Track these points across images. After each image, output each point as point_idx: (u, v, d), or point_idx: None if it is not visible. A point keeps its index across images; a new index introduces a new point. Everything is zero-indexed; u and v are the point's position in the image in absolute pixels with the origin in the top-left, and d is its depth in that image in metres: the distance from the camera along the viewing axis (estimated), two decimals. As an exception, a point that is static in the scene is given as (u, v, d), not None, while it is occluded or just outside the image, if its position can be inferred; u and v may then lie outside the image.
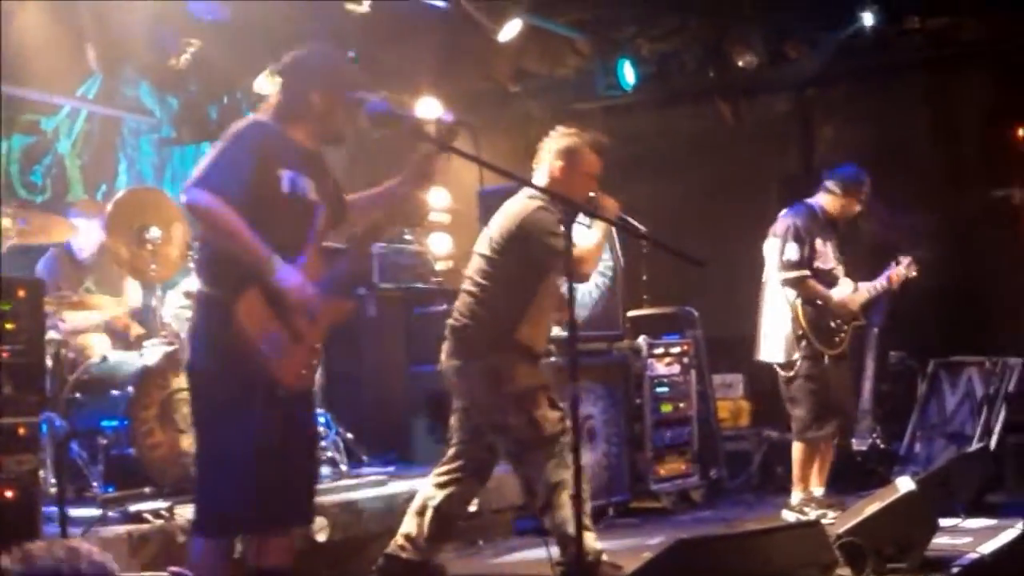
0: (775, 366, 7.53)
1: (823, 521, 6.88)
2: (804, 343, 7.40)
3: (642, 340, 8.38)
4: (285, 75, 4.50)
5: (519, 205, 5.62)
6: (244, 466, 4.18)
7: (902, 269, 7.73)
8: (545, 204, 5.52)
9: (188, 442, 6.27)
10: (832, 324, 7.47)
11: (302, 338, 4.31)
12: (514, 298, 5.54)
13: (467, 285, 5.74)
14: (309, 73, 4.45)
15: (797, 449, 7.54)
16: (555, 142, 5.78)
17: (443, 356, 5.71)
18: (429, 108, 10.02)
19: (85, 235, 7.22)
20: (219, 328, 4.25)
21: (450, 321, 5.73)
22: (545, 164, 5.74)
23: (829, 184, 7.59)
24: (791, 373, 7.44)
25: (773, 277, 7.52)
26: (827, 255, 7.54)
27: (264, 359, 4.20)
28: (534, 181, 5.66)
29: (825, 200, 7.60)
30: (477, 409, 5.63)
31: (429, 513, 5.66)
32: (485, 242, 5.71)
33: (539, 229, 5.44)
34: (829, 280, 7.53)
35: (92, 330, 7.05)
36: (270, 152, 4.34)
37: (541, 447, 5.38)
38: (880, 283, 7.69)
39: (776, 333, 7.50)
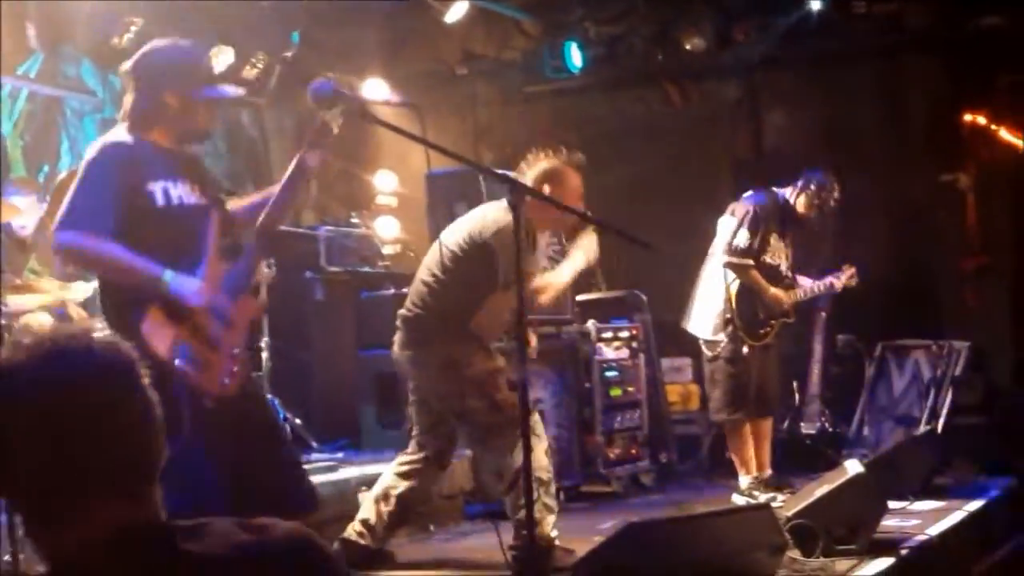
0: (700, 341, 7.54)
1: (773, 504, 6.92)
2: (730, 328, 7.40)
3: (591, 324, 8.34)
4: (135, 77, 4.25)
5: (499, 215, 5.54)
6: (200, 484, 3.89)
7: (843, 278, 7.73)
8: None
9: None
10: (760, 316, 7.47)
11: (218, 345, 4.13)
12: (470, 297, 5.53)
13: (423, 275, 5.68)
14: (159, 73, 4.21)
15: (727, 433, 7.60)
16: (536, 168, 5.73)
17: (396, 346, 5.68)
18: (376, 89, 9.97)
19: (26, 213, 7.09)
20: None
21: (402, 311, 5.69)
22: (528, 181, 5.64)
23: (802, 182, 7.52)
24: (715, 352, 7.46)
25: (718, 254, 7.51)
26: (778, 250, 7.53)
27: (181, 374, 3.99)
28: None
29: (792, 195, 7.55)
30: (436, 397, 5.60)
31: (392, 502, 5.63)
32: (453, 237, 5.66)
33: (506, 249, 5.32)
34: (773, 274, 7.51)
35: (35, 310, 6.92)
36: (133, 170, 4.12)
37: (505, 430, 5.35)
38: (818, 286, 7.71)
39: (707, 309, 7.51)
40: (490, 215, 5.61)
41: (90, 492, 1.71)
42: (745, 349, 7.38)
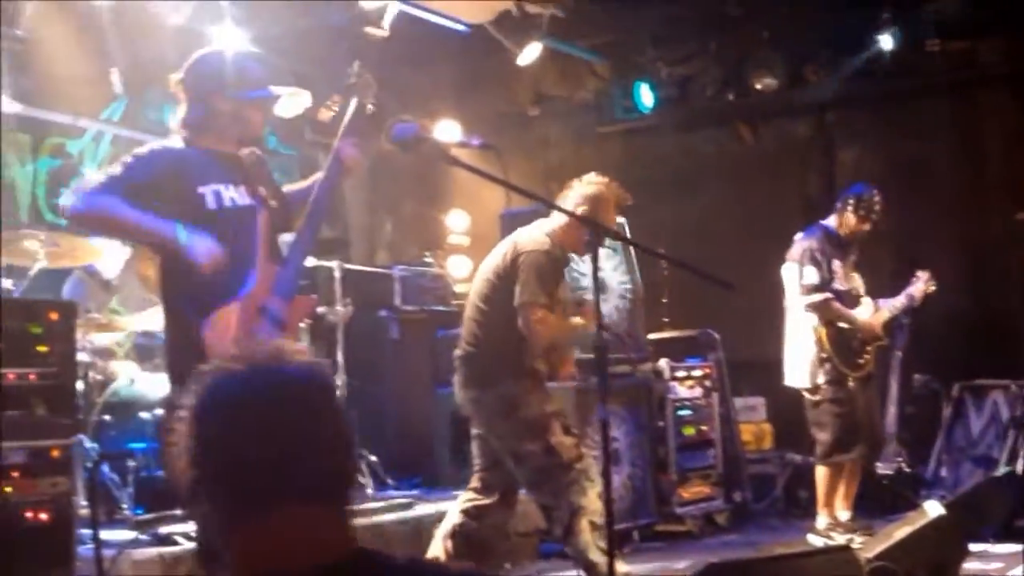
0: (802, 391, 7.51)
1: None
2: (828, 366, 7.39)
3: (664, 363, 8.36)
4: (187, 83, 4.34)
5: (527, 238, 5.61)
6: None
7: (921, 285, 7.72)
8: (552, 248, 5.54)
9: (216, 464, 6.27)
10: (855, 345, 7.46)
11: None
12: (513, 324, 5.47)
13: (470, 311, 5.72)
14: (208, 80, 4.30)
15: (821, 473, 7.52)
16: (584, 186, 5.75)
17: (456, 387, 5.70)
18: (449, 131, 10.08)
19: (111, 255, 7.24)
20: (187, 359, 3.94)
21: (457, 351, 5.71)
22: (568, 203, 5.67)
23: (839, 204, 7.62)
24: (817, 397, 7.43)
25: (794, 302, 7.51)
26: (846, 275, 7.54)
27: None
28: (554, 225, 5.68)
29: (837, 221, 7.61)
30: (495, 437, 5.61)
31: (459, 539, 5.64)
32: (491, 262, 5.70)
33: (531, 270, 5.43)
34: (849, 301, 7.53)
35: (118, 351, 7.08)
36: (183, 173, 4.18)
37: (559, 474, 5.36)
38: (901, 300, 7.70)
39: (800, 358, 7.49)
40: (518, 239, 5.64)
41: (288, 491, 1.81)
42: (850, 383, 7.35)
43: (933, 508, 5.65)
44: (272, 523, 1.80)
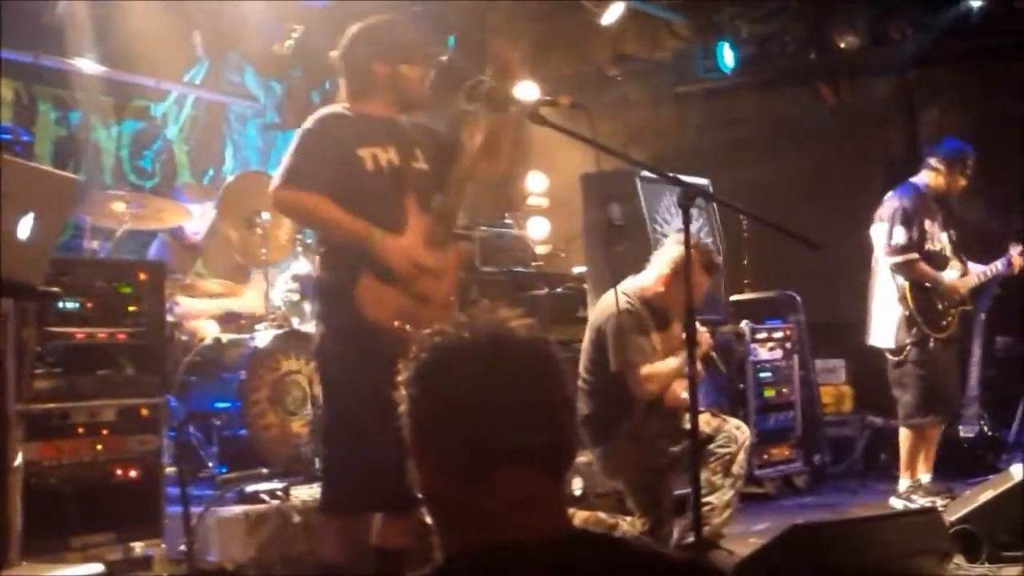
0: (885, 351, 7.44)
1: (931, 509, 6.84)
2: (913, 328, 7.31)
3: (744, 325, 8.33)
4: (345, 54, 4.52)
5: (608, 299, 5.83)
6: (376, 442, 4.11)
7: (1017, 257, 7.59)
8: (632, 304, 5.77)
9: (299, 424, 6.38)
10: (940, 307, 7.37)
11: (429, 298, 4.34)
12: (613, 390, 5.79)
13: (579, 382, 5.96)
14: (366, 45, 4.47)
15: (904, 435, 7.45)
16: (671, 250, 5.93)
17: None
18: (528, 91, 10.06)
19: (199, 218, 7.34)
20: (341, 313, 4.31)
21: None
22: (655, 268, 5.93)
23: (932, 161, 7.48)
24: (900, 358, 7.35)
25: (882, 261, 7.42)
26: (935, 235, 7.44)
27: (401, 333, 4.19)
28: (642, 282, 5.92)
29: (930, 178, 7.48)
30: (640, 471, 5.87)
31: None
32: (587, 336, 5.99)
33: (613, 336, 5.72)
34: (938, 261, 7.43)
35: (204, 315, 7.18)
36: (344, 136, 4.39)
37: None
38: (993, 268, 7.58)
39: (885, 318, 7.41)
40: (600, 303, 5.93)
41: (515, 455, 1.82)
42: (931, 344, 7.28)
43: (1018, 472, 5.60)
44: (497, 487, 1.81)
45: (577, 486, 6.69)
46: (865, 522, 4.75)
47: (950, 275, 7.42)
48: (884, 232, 7.36)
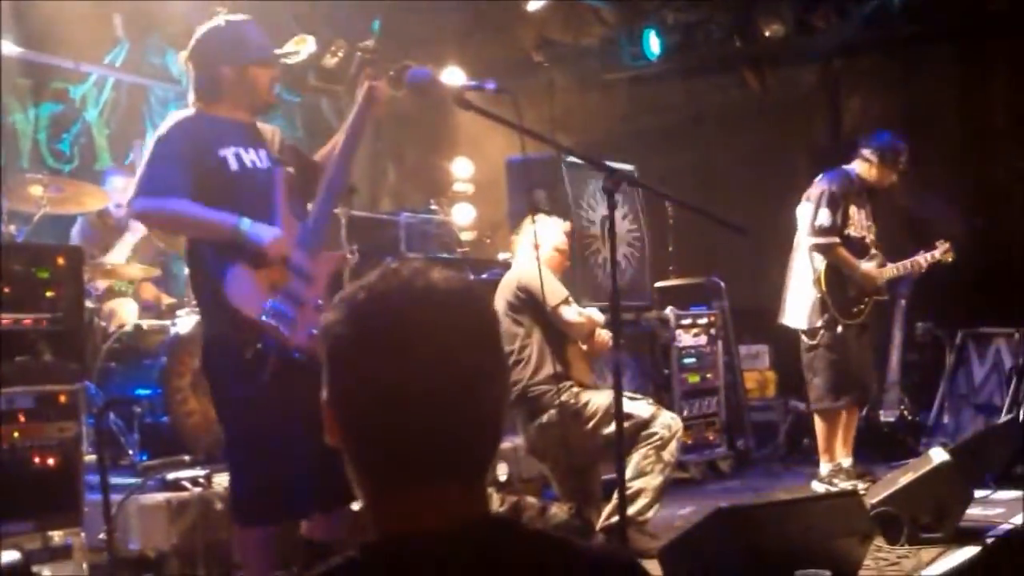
0: (799, 332, 7.51)
1: (853, 492, 6.92)
2: (825, 311, 7.37)
3: (669, 311, 8.37)
4: (193, 57, 4.42)
5: (516, 270, 6.12)
6: (276, 447, 4.07)
7: (937, 254, 7.66)
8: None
9: (220, 410, 6.29)
10: (852, 294, 7.44)
11: (302, 300, 4.22)
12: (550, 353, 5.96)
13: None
14: (213, 49, 4.37)
15: (817, 420, 7.55)
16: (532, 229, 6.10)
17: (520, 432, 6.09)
18: (453, 76, 10.02)
19: (122, 191, 7.23)
20: (217, 314, 4.19)
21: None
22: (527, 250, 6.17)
23: (866, 152, 7.52)
24: (813, 341, 7.42)
25: (803, 242, 7.48)
26: (859, 223, 7.50)
27: (268, 329, 4.10)
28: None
29: (862, 168, 7.54)
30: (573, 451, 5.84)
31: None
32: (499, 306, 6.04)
33: (543, 280, 5.71)
34: (859, 248, 7.49)
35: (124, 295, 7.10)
36: (202, 139, 4.27)
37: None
38: (910, 263, 7.65)
39: (801, 299, 7.47)
40: (508, 274, 6.14)
41: (444, 469, 1.62)
42: (840, 329, 7.34)
43: (937, 455, 5.67)
44: (422, 495, 1.61)
45: (502, 472, 6.69)
46: (788, 504, 4.80)
47: (868, 264, 7.49)
48: (809, 213, 7.42)
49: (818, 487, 7.41)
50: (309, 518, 4.34)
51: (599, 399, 5.85)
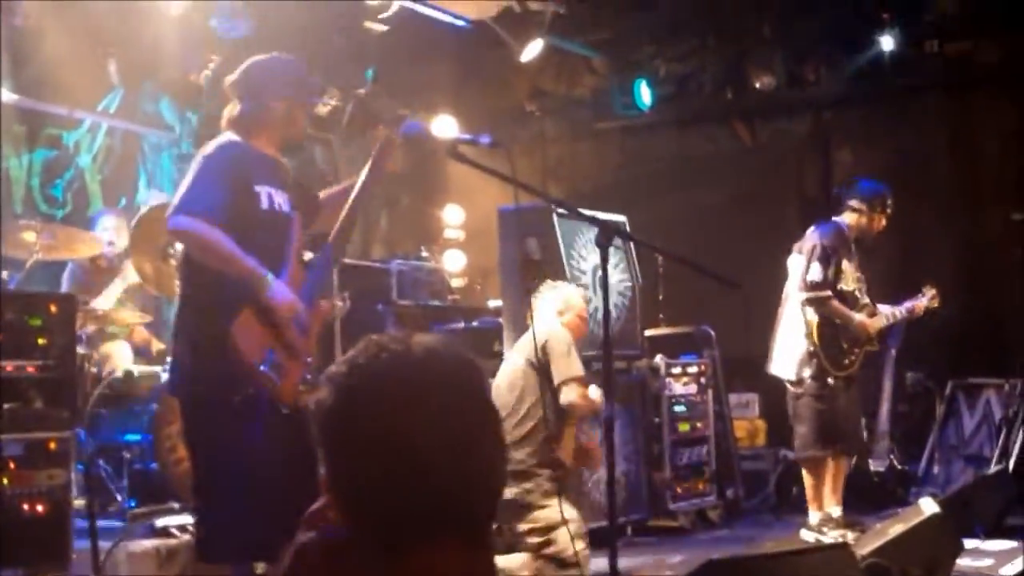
0: (785, 382, 7.52)
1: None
2: (814, 361, 7.38)
3: (660, 359, 8.37)
4: (243, 86, 4.46)
5: (540, 330, 5.94)
6: (254, 490, 4.09)
7: (925, 301, 7.70)
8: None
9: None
10: (844, 346, 7.45)
11: (297, 353, 4.27)
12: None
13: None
14: (268, 82, 4.42)
15: (803, 469, 7.55)
16: (555, 295, 6.20)
17: None
18: (446, 126, 10.09)
19: (113, 229, 7.25)
20: (214, 354, 4.17)
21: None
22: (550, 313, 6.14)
23: (853, 203, 7.54)
24: (799, 390, 7.43)
25: (794, 293, 7.50)
26: (850, 276, 7.53)
27: (263, 379, 4.14)
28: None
29: (851, 218, 7.55)
30: None
31: None
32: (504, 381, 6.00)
33: (564, 347, 5.83)
34: (850, 301, 7.51)
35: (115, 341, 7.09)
36: (245, 170, 4.33)
37: None
38: (901, 311, 7.66)
39: (790, 349, 7.48)
40: (527, 335, 5.97)
41: (439, 528, 1.61)
42: (831, 380, 7.35)
43: (928, 506, 5.65)
44: (423, 559, 1.59)
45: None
46: (779, 557, 4.77)
47: (859, 315, 7.51)
48: (801, 266, 7.44)
49: (807, 536, 7.39)
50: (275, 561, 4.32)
51: (551, 513, 5.68)
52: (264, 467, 4.09)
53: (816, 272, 7.35)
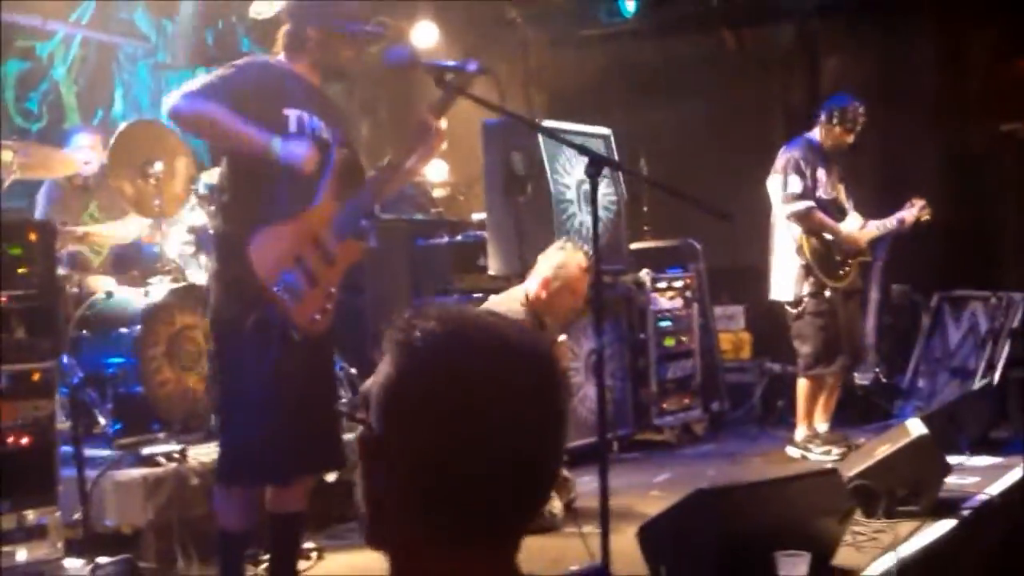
0: (785, 305, 7.50)
1: (827, 457, 6.95)
2: (810, 278, 7.37)
3: (645, 274, 8.32)
4: (287, 9, 4.47)
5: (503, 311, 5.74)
6: (267, 413, 4.13)
7: (915, 211, 7.67)
8: (527, 318, 5.67)
9: (195, 379, 6.24)
10: (837, 257, 7.44)
11: (317, 281, 4.21)
12: None
13: None
14: (304, 8, 4.38)
15: (802, 385, 7.53)
16: (554, 257, 5.95)
17: None
18: (427, 33, 9.94)
19: (91, 150, 7.12)
20: (233, 269, 4.19)
21: None
22: (539, 273, 5.91)
23: (822, 116, 7.56)
24: (799, 309, 7.42)
25: (779, 215, 7.47)
26: (828, 185, 7.51)
27: (278, 301, 4.10)
28: (528, 288, 5.89)
29: (820, 133, 7.56)
30: None
31: None
32: None
33: None
34: (834, 211, 7.50)
35: (95, 262, 7.01)
36: (272, 91, 4.28)
37: None
38: (891, 222, 7.65)
39: (784, 270, 7.47)
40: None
41: (505, 522, 1.55)
42: (828, 293, 7.34)
43: (915, 427, 5.67)
44: (470, 552, 1.53)
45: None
46: (767, 485, 4.78)
47: (848, 226, 7.49)
48: (779, 183, 7.42)
49: (793, 452, 7.44)
50: (287, 484, 4.35)
51: None
52: (276, 392, 4.12)
53: (795, 184, 7.35)
